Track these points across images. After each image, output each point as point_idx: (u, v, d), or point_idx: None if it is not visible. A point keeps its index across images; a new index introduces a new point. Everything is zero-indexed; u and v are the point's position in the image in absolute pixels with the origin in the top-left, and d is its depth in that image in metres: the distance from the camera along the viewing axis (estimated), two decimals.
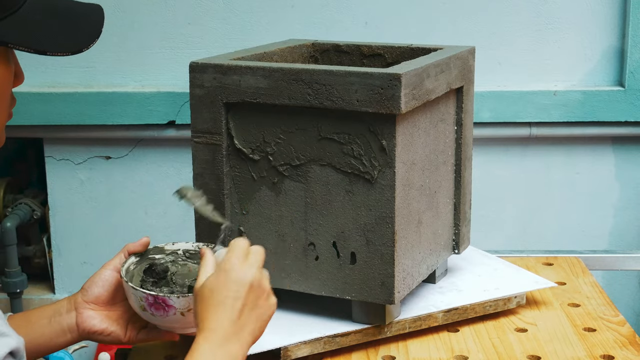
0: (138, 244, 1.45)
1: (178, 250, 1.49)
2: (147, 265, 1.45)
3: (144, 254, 1.46)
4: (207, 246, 1.47)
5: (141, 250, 1.45)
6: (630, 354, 1.49)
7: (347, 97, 1.42)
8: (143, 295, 1.34)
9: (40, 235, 2.71)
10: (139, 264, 1.45)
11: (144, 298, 1.34)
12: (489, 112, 2.50)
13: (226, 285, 1.23)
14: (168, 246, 1.49)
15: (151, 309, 1.34)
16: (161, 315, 1.34)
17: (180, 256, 1.49)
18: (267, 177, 1.51)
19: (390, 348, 1.52)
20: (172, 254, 1.49)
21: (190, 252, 1.50)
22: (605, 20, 2.50)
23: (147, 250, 1.47)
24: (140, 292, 1.34)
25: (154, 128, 2.53)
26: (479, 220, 2.43)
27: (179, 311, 1.33)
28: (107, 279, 1.41)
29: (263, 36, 2.47)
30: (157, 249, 1.48)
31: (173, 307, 1.33)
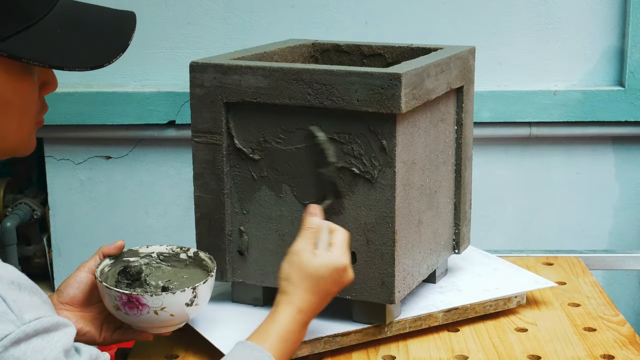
0: (113, 247, 1.46)
1: (152, 253, 1.51)
2: (122, 267, 1.46)
3: (118, 257, 1.48)
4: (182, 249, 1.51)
5: (116, 253, 1.47)
6: (630, 354, 1.49)
7: (347, 96, 1.42)
8: (117, 295, 1.35)
9: (40, 235, 2.71)
10: (114, 266, 1.47)
11: (117, 297, 1.35)
12: (489, 112, 2.50)
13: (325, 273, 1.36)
14: (142, 249, 1.51)
15: (125, 308, 1.36)
16: (135, 314, 1.35)
17: (154, 259, 1.51)
18: (267, 177, 1.51)
19: (391, 348, 1.52)
20: (146, 256, 1.51)
21: (165, 254, 1.52)
22: (605, 20, 2.50)
23: (121, 253, 1.49)
24: (114, 292, 1.36)
25: (154, 128, 2.53)
26: (479, 220, 2.43)
27: (153, 310, 1.35)
28: (82, 280, 1.42)
29: (263, 36, 2.47)
30: (132, 251, 1.50)
31: (147, 305, 1.35)
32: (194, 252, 1.51)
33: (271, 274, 1.54)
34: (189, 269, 1.50)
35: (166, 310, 1.36)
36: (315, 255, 1.36)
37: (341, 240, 1.38)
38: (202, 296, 1.40)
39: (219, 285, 1.63)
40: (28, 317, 1.01)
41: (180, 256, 1.51)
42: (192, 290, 1.38)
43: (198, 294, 1.39)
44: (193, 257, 1.51)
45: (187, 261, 1.51)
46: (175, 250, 1.52)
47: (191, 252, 1.51)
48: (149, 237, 2.62)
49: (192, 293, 1.38)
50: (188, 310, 1.39)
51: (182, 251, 1.51)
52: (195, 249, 1.51)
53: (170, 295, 1.36)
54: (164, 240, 2.61)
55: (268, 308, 1.57)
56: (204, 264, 1.49)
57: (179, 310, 1.37)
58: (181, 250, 1.51)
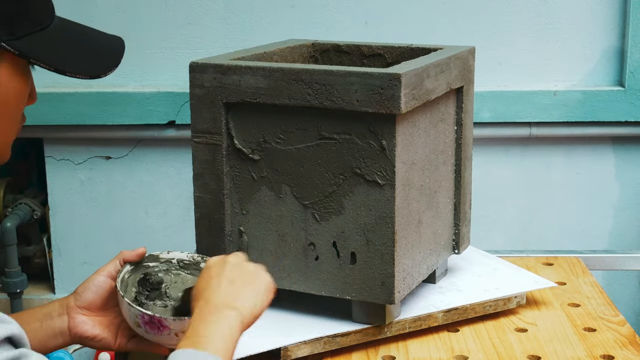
0: (134, 254, 1.45)
1: (172, 260, 1.49)
2: (142, 275, 1.45)
3: (138, 262, 1.46)
4: (203, 258, 1.49)
5: (136, 260, 1.45)
6: (630, 354, 1.49)
7: (347, 97, 1.42)
8: (139, 313, 1.34)
9: (40, 235, 2.71)
10: (134, 273, 1.45)
11: (139, 316, 1.34)
12: (489, 112, 2.49)
13: (208, 272, 1.28)
14: (163, 255, 1.49)
15: (146, 327, 1.34)
16: (155, 333, 1.34)
17: (174, 265, 1.49)
18: (267, 177, 1.51)
19: (390, 348, 1.52)
20: (166, 262, 1.49)
21: (185, 262, 1.50)
22: (605, 20, 2.50)
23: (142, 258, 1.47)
24: (136, 310, 1.34)
25: (154, 128, 2.53)
26: (479, 220, 2.43)
27: (174, 332, 1.33)
28: (100, 285, 1.41)
29: (263, 36, 2.47)
30: (152, 257, 1.48)
31: (168, 327, 1.33)
32: None
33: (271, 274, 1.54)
34: None
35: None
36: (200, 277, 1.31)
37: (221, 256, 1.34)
38: None
39: None
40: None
41: (200, 265, 1.49)
42: None
43: None
44: None
45: None
46: (195, 258, 1.49)
47: None
48: (148, 237, 2.61)
49: None
50: None
51: (203, 260, 1.49)
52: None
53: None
54: (164, 240, 2.61)
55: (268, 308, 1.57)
56: None
57: None
58: (202, 259, 1.49)
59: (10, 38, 1.12)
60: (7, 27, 1.12)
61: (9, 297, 2.61)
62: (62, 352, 2.40)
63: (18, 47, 1.13)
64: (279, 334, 1.47)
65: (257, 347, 1.43)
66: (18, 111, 1.19)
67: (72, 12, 2.42)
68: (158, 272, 1.47)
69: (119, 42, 1.29)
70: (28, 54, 1.14)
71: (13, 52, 1.13)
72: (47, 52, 1.16)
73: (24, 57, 1.14)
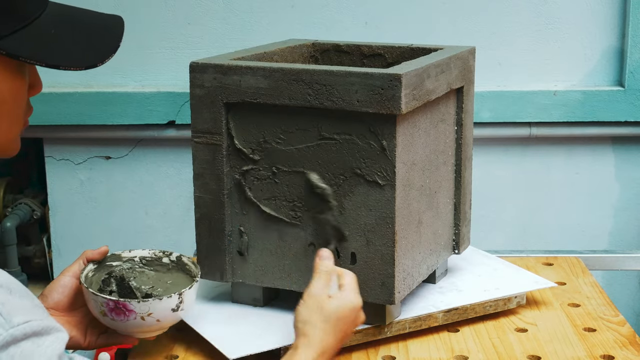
0: (97, 252, 1.47)
1: (135, 258, 1.52)
2: (106, 275, 1.47)
3: (101, 262, 1.48)
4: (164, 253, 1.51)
5: (99, 258, 1.47)
6: (630, 354, 1.49)
7: (347, 97, 1.42)
8: (104, 301, 1.36)
9: (40, 235, 2.71)
10: (97, 271, 1.47)
11: (104, 303, 1.36)
12: (489, 112, 2.49)
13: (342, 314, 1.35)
14: (125, 253, 1.51)
15: (112, 314, 1.36)
16: (121, 320, 1.36)
17: (137, 263, 1.52)
18: (267, 177, 1.51)
19: (391, 348, 1.52)
20: (129, 261, 1.51)
21: (147, 259, 1.52)
22: (605, 20, 2.50)
23: (104, 257, 1.49)
24: (101, 298, 1.36)
25: (154, 128, 2.53)
26: (479, 220, 2.43)
27: (140, 315, 1.36)
28: (66, 285, 1.43)
29: (263, 36, 2.47)
30: (114, 256, 1.50)
31: (133, 311, 1.36)
32: (176, 256, 1.51)
33: (271, 274, 1.54)
34: (172, 273, 1.50)
35: (153, 315, 1.37)
36: (332, 297, 1.36)
37: (351, 282, 1.38)
38: (188, 301, 1.41)
39: (219, 285, 1.64)
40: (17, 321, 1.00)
41: (162, 260, 1.52)
42: (178, 296, 1.38)
43: (184, 300, 1.39)
44: (176, 261, 1.51)
45: (170, 265, 1.51)
46: (157, 254, 1.52)
47: (174, 257, 1.51)
48: (149, 237, 2.61)
49: (179, 299, 1.38)
50: (174, 316, 1.40)
51: (165, 255, 1.52)
52: (178, 254, 1.52)
53: (157, 301, 1.37)
54: (164, 240, 2.61)
55: (268, 308, 1.57)
56: (187, 269, 1.49)
57: (165, 315, 1.38)
58: (164, 254, 1.52)
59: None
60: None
61: None
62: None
63: (4, 46, 1.09)
64: (279, 334, 1.47)
65: (257, 347, 1.44)
66: (18, 107, 1.16)
67: None
68: (120, 270, 1.49)
69: (118, 23, 1.24)
70: (16, 52, 1.10)
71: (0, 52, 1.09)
72: (36, 48, 1.12)
73: (12, 57, 1.10)
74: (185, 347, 1.51)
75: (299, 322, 1.35)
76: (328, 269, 1.40)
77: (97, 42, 1.19)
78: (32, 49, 1.11)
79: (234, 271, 1.56)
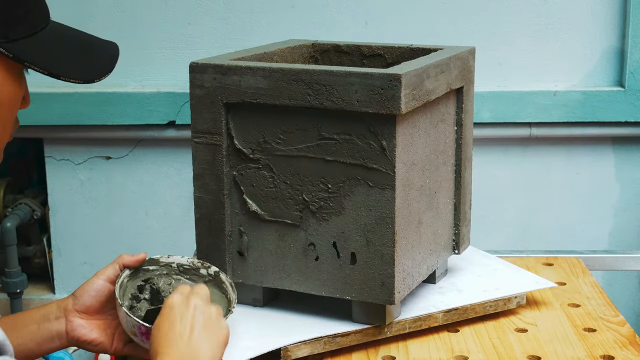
0: (134, 259, 1.44)
1: (172, 264, 1.49)
2: (141, 282, 1.45)
3: (138, 267, 1.45)
4: (202, 264, 1.48)
5: (136, 265, 1.44)
6: (630, 354, 1.49)
7: (347, 97, 1.42)
8: (135, 324, 1.34)
9: (40, 235, 2.71)
10: (132, 278, 1.45)
11: (136, 326, 1.34)
12: (489, 112, 2.50)
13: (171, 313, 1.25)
14: (163, 259, 1.48)
15: (142, 337, 1.34)
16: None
17: (174, 270, 1.49)
18: (267, 177, 1.51)
19: (390, 348, 1.52)
20: (166, 266, 1.48)
21: (185, 266, 1.49)
22: (605, 20, 2.50)
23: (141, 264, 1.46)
24: (133, 320, 1.34)
25: (154, 128, 2.53)
26: (479, 220, 2.43)
27: None
28: (99, 289, 1.41)
29: (263, 36, 2.47)
30: (152, 260, 1.47)
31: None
32: (214, 271, 1.48)
33: (271, 275, 1.54)
34: (208, 286, 1.47)
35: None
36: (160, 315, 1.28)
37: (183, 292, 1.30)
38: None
39: None
40: None
41: (200, 271, 1.48)
42: None
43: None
44: (213, 276, 1.48)
45: (207, 277, 1.48)
46: (195, 264, 1.48)
47: (212, 271, 1.48)
48: (148, 237, 2.62)
49: None
50: None
51: (203, 267, 1.48)
52: (217, 269, 1.48)
53: None
54: (164, 241, 2.61)
55: (268, 308, 1.57)
56: (224, 288, 1.46)
57: None
58: (202, 265, 1.48)
59: (4, 41, 1.11)
60: (1, 31, 1.11)
61: (9, 297, 2.61)
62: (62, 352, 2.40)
63: (12, 50, 1.12)
64: (279, 334, 1.47)
65: (257, 347, 1.43)
66: (11, 114, 1.18)
67: (72, 12, 2.43)
68: (158, 277, 1.47)
69: (114, 48, 1.29)
70: (22, 57, 1.13)
71: (7, 55, 1.12)
72: (41, 56, 1.15)
73: (18, 61, 1.13)
74: None
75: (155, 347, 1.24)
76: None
77: (94, 60, 1.24)
78: (37, 56, 1.15)
79: (234, 271, 1.56)
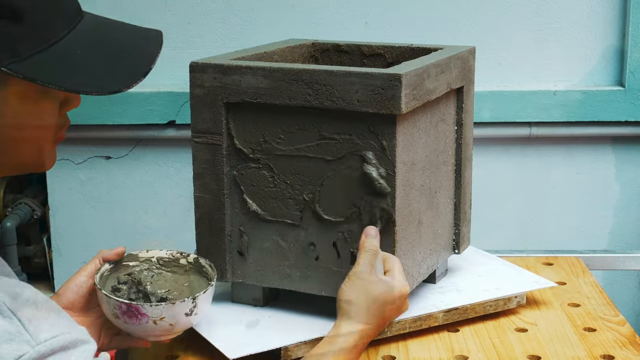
0: (113, 253, 1.45)
1: (152, 258, 1.50)
2: (122, 274, 1.46)
3: (118, 262, 1.47)
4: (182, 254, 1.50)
5: (116, 259, 1.46)
6: (630, 354, 1.49)
7: (347, 97, 1.42)
8: (116, 304, 1.34)
9: (40, 235, 2.71)
10: (113, 272, 1.46)
11: (117, 306, 1.34)
12: (489, 112, 2.50)
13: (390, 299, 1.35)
14: (142, 254, 1.49)
15: (124, 317, 1.35)
16: (134, 323, 1.35)
17: (154, 264, 1.50)
18: (267, 177, 1.51)
19: (391, 348, 1.52)
20: (146, 261, 1.49)
21: (165, 259, 1.50)
22: (605, 20, 2.50)
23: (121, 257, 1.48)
24: (114, 300, 1.35)
25: (154, 128, 2.53)
26: (479, 220, 2.42)
27: (152, 319, 1.34)
28: (80, 284, 1.41)
29: (263, 36, 2.47)
30: (131, 256, 1.48)
31: (146, 315, 1.34)
32: (194, 257, 1.50)
33: (271, 275, 1.54)
34: (189, 275, 1.49)
35: (165, 320, 1.35)
36: (380, 281, 1.35)
37: (399, 267, 1.38)
38: (202, 306, 1.39)
39: (219, 285, 1.63)
40: (43, 337, 0.99)
41: (180, 262, 1.50)
42: (192, 300, 1.37)
43: (198, 304, 1.38)
44: (193, 263, 1.49)
45: (187, 267, 1.50)
46: (175, 255, 1.50)
47: (191, 258, 1.50)
48: (149, 237, 2.61)
49: (192, 303, 1.37)
50: (187, 320, 1.38)
51: (182, 257, 1.50)
52: (195, 255, 1.50)
53: (169, 305, 1.35)
54: (164, 241, 2.61)
55: (268, 308, 1.57)
56: (204, 271, 1.47)
57: (178, 320, 1.36)
58: (181, 255, 1.50)
59: (14, 60, 1.01)
60: (10, 48, 1.01)
61: None
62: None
63: (21, 70, 1.01)
64: (279, 334, 1.47)
65: (257, 347, 1.43)
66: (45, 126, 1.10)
67: None
68: (139, 272, 1.48)
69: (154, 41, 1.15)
70: (33, 77, 1.02)
71: (16, 75, 1.01)
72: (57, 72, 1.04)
73: (29, 80, 1.02)
74: (185, 347, 1.51)
75: (343, 301, 1.34)
76: (374, 248, 1.38)
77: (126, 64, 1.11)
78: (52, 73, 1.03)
79: (234, 271, 1.56)
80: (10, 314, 0.98)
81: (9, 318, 0.98)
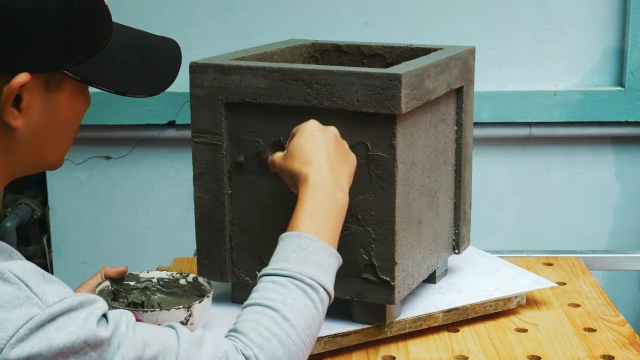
0: (115, 271, 1.47)
1: (152, 279, 1.52)
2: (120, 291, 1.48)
3: (118, 280, 1.48)
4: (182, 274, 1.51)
5: (116, 276, 1.48)
6: (630, 354, 1.49)
7: (347, 97, 1.42)
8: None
9: (40, 235, 2.71)
10: (112, 287, 1.47)
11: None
12: (489, 112, 2.50)
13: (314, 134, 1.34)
14: (143, 274, 1.51)
15: None
16: None
17: (154, 284, 1.51)
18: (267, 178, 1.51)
19: (391, 348, 1.52)
20: (146, 281, 1.51)
21: (164, 280, 1.52)
22: (605, 20, 2.51)
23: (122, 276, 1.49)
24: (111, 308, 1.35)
25: (154, 128, 2.53)
26: (479, 220, 2.43)
27: None
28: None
29: (263, 36, 2.47)
30: (132, 276, 1.50)
31: (141, 321, 1.34)
32: (193, 277, 1.51)
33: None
34: (188, 296, 1.50)
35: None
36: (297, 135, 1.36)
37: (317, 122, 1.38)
38: (198, 316, 1.40)
39: (219, 285, 1.64)
40: (52, 300, 1.01)
41: (180, 282, 1.51)
42: (187, 309, 1.37)
43: (193, 313, 1.38)
44: (192, 282, 1.50)
45: (186, 287, 1.51)
46: (175, 276, 1.51)
47: (190, 278, 1.51)
48: (148, 237, 2.62)
49: (187, 312, 1.37)
50: None
51: (182, 277, 1.51)
52: (195, 275, 1.51)
53: (165, 312, 1.36)
54: (163, 241, 2.61)
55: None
56: (202, 289, 1.48)
57: None
58: (181, 276, 1.51)
59: (72, 64, 1.09)
60: (70, 53, 1.08)
61: None
62: None
63: (80, 73, 1.10)
64: None
65: None
66: (77, 127, 1.18)
67: None
68: (139, 290, 1.50)
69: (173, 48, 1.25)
70: (90, 79, 1.11)
71: (75, 78, 1.09)
72: (108, 76, 1.13)
73: (86, 83, 1.11)
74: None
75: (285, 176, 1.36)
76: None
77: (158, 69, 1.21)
78: (104, 76, 1.12)
79: (234, 271, 1.56)
80: (18, 280, 1.00)
81: (17, 284, 1.00)
